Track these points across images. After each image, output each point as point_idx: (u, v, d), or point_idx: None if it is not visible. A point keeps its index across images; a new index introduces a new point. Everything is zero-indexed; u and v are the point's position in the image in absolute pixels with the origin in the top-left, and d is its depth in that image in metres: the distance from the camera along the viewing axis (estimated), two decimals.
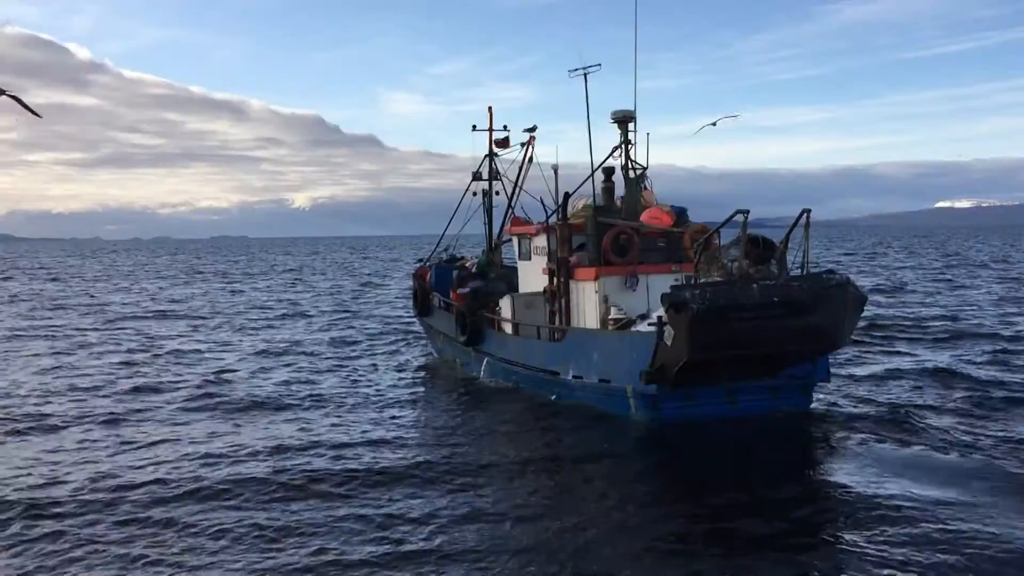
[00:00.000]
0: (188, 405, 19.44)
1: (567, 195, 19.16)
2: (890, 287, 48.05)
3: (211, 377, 22.83)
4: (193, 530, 11.52)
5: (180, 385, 21.71)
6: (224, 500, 12.71)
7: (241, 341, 30.72)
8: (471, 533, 11.26)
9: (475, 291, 22.22)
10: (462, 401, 19.85)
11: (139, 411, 18.85)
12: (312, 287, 61.57)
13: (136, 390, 21.18)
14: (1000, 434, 15.36)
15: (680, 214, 19.37)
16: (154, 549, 10.91)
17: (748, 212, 15.43)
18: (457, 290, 22.79)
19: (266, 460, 14.78)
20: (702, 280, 15.58)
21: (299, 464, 14.43)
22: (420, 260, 28.61)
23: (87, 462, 14.89)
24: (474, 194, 26.19)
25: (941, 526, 11.04)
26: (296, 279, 72.69)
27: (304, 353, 27.44)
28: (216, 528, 11.54)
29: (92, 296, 54.65)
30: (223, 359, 26.43)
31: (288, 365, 25.10)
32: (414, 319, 29.16)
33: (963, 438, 15.19)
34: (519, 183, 24.82)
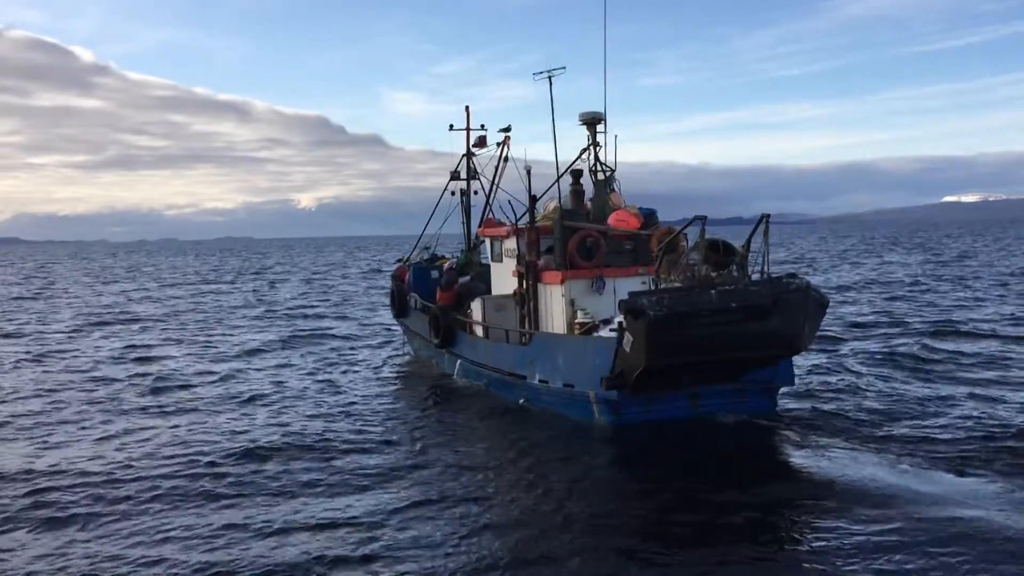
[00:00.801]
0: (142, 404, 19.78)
1: (533, 198, 19.08)
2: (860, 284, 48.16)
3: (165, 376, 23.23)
4: (157, 528, 11.74)
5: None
6: (170, 500, 12.96)
7: (204, 341, 30.90)
8: (421, 536, 11.27)
9: (460, 290, 22.23)
10: (431, 404, 19.81)
11: (93, 407, 19.30)
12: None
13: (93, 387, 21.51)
14: (963, 433, 15.28)
15: (649, 216, 19.32)
16: (123, 547, 11.09)
17: (706, 217, 15.38)
18: (443, 290, 22.73)
19: (221, 460, 14.96)
20: (663, 285, 15.53)
21: (250, 465, 14.61)
22: (399, 260, 28.57)
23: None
24: (452, 193, 26.17)
25: (901, 524, 11.06)
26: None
27: (285, 359, 27.49)
28: (165, 527, 11.77)
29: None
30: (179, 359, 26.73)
31: (264, 367, 25.16)
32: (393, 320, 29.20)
33: (922, 436, 15.16)
34: (495, 183, 24.78)
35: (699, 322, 14.39)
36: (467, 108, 26.07)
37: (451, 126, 25.97)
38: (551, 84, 20.14)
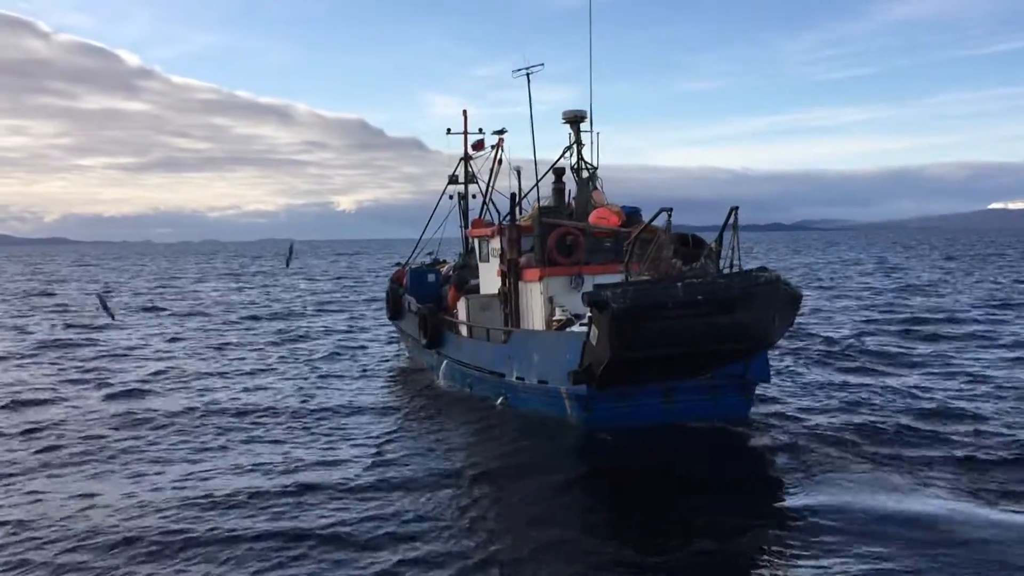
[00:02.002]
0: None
1: (513, 196, 19.12)
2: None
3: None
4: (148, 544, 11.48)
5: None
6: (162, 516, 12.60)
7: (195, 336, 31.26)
8: (388, 542, 11.26)
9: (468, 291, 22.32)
10: (418, 404, 19.89)
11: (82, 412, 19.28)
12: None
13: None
14: (943, 441, 15.05)
15: (631, 215, 19.23)
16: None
17: (672, 210, 15.25)
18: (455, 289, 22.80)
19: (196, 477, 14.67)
20: (633, 278, 15.42)
21: (220, 480, 14.38)
22: (398, 263, 28.73)
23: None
24: (450, 197, 26.27)
25: (874, 534, 10.93)
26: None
27: (282, 355, 27.75)
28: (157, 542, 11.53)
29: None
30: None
31: (271, 369, 25.41)
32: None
33: (903, 445, 14.92)
34: (491, 185, 24.84)
35: (664, 315, 14.21)
36: (464, 112, 26.21)
37: (448, 130, 26.13)
38: (529, 82, 20.15)
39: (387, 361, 26.63)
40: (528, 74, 20.19)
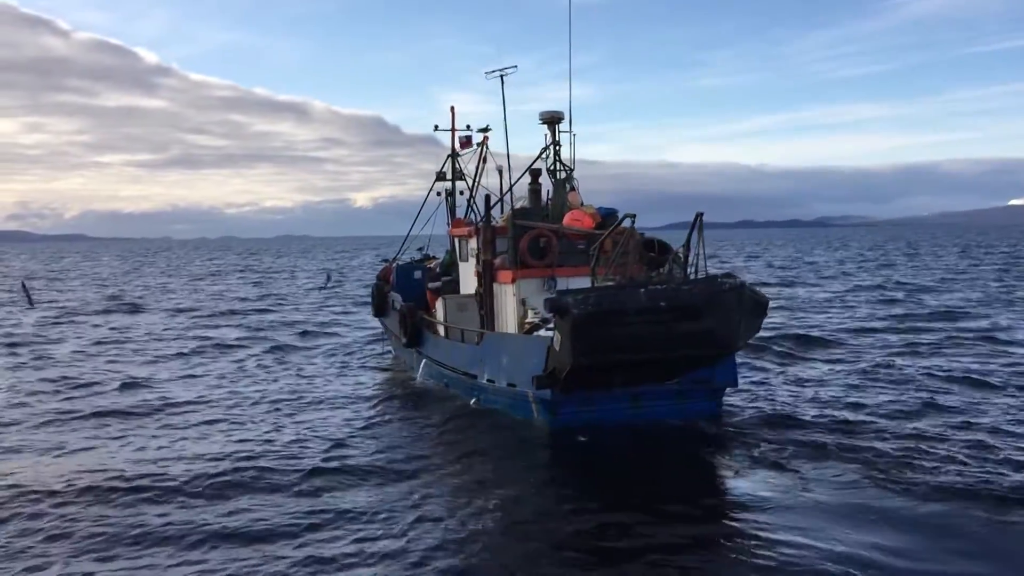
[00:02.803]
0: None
1: (488, 197, 19.11)
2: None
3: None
4: (119, 530, 11.65)
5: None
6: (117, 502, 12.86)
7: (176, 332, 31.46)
8: (348, 539, 11.20)
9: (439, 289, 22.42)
10: (392, 403, 19.96)
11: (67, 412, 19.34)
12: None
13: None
14: (911, 446, 14.85)
15: (607, 217, 19.18)
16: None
17: (635, 216, 15.23)
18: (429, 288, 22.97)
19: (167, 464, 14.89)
20: (598, 283, 15.42)
21: (178, 469, 14.55)
22: (385, 260, 28.77)
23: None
24: (438, 194, 26.25)
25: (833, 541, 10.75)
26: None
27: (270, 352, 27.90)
28: (108, 528, 11.69)
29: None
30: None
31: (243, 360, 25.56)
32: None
33: (868, 449, 14.73)
34: (476, 183, 24.81)
35: (626, 321, 14.19)
36: (452, 108, 26.14)
37: (436, 127, 26.08)
38: (503, 83, 20.14)
39: (366, 359, 26.70)
40: (501, 76, 20.21)
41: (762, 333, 20.28)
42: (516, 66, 20.14)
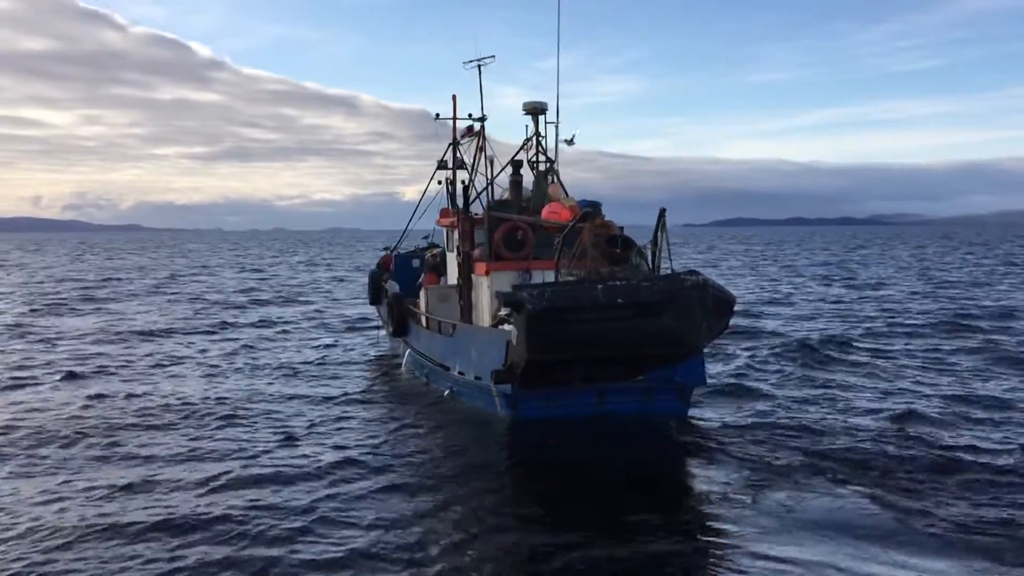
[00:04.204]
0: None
1: (465, 186, 18.99)
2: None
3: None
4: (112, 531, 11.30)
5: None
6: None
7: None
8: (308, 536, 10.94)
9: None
10: (371, 392, 19.86)
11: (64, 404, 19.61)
12: None
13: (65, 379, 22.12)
14: (882, 445, 14.43)
15: (589, 211, 18.93)
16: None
17: (595, 207, 15.01)
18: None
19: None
20: (562, 278, 15.23)
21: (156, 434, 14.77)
22: (386, 248, 28.76)
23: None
24: (439, 183, 26.14)
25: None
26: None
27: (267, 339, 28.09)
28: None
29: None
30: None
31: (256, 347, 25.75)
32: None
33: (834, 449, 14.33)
34: (472, 174, 24.67)
35: (583, 317, 13.99)
36: (454, 97, 25.93)
37: (437, 115, 25.94)
38: (480, 73, 19.98)
39: (354, 348, 26.76)
40: (479, 66, 20.06)
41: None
42: (494, 56, 20.00)
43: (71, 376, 21.67)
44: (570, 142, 19.74)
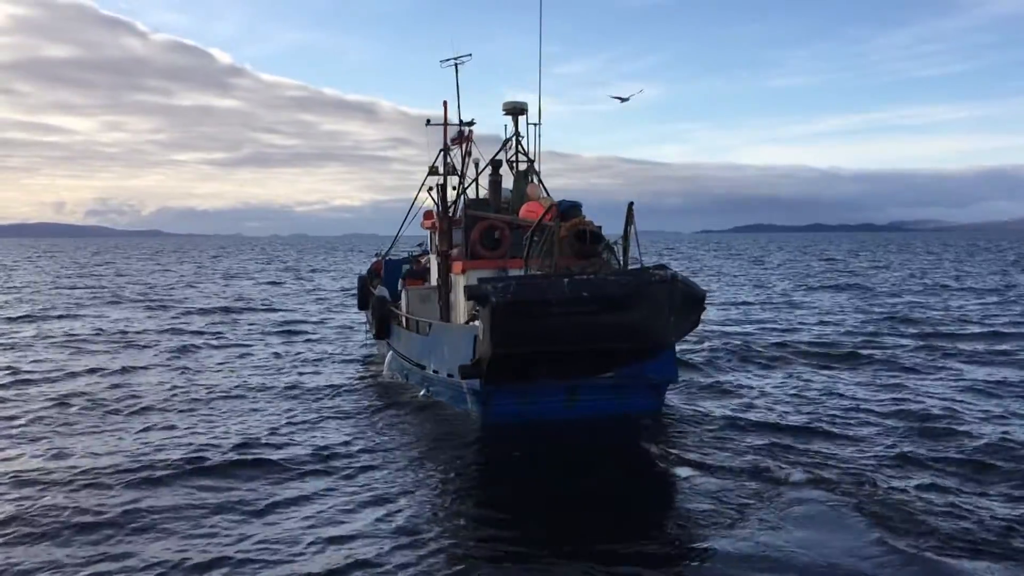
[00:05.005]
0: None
1: (442, 187, 19.02)
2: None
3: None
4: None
5: None
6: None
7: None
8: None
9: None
10: (349, 394, 19.65)
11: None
12: None
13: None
14: (853, 446, 14.30)
15: (568, 210, 18.88)
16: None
17: (558, 203, 14.96)
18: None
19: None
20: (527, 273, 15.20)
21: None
22: (377, 254, 28.84)
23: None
24: (430, 189, 26.15)
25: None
26: None
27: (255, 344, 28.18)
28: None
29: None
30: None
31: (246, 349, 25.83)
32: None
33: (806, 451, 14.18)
34: (462, 178, 24.68)
35: (547, 311, 13.91)
36: (445, 103, 25.97)
37: (428, 121, 25.98)
38: (457, 71, 20.00)
39: (339, 352, 26.77)
40: (456, 64, 20.07)
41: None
42: (471, 54, 20.01)
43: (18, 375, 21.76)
44: (624, 100, 19.42)
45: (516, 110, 19.48)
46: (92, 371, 22.42)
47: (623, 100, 19.35)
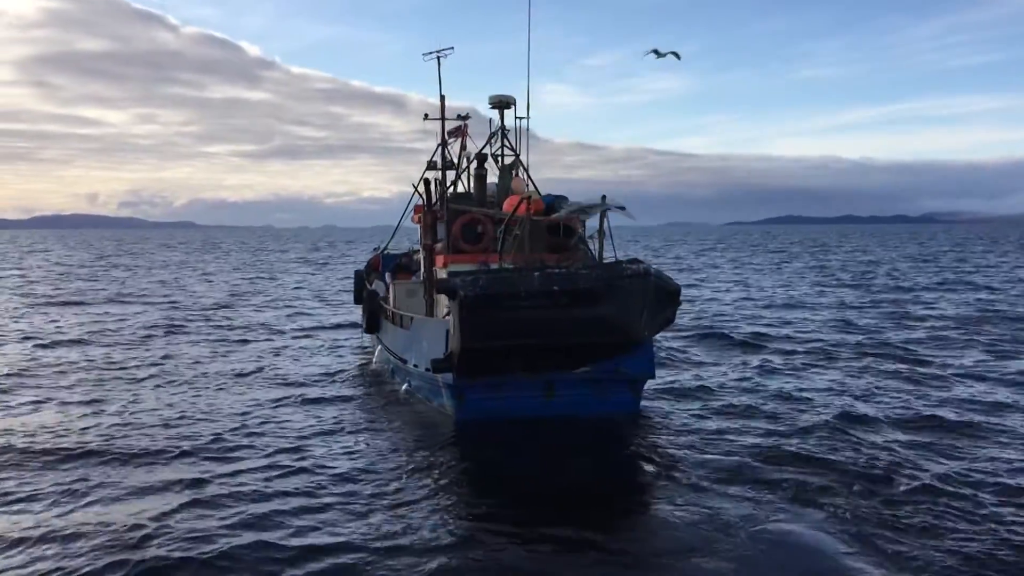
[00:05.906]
0: None
1: (426, 182, 18.96)
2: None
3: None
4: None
5: None
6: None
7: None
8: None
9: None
10: (331, 387, 19.56)
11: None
12: None
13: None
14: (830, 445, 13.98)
15: (553, 204, 18.76)
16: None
17: (529, 197, 14.83)
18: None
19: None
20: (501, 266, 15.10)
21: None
22: (376, 248, 28.77)
23: None
24: (427, 183, 26.07)
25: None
26: None
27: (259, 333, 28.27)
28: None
29: None
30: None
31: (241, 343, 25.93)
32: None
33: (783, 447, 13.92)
34: (458, 172, 24.58)
35: (517, 305, 13.79)
36: (442, 98, 25.83)
37: (426, 115, 25.88)
38: (439, 64, 19.87)
39: (332, 346, 26.70)
40: (439, 58, 19.95)
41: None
42: (452, 48, 19.87)
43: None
44: (661, 55, 18.94)
45: (502, 104, 19.34)
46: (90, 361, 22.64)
47: (659, 55, 18.68)
